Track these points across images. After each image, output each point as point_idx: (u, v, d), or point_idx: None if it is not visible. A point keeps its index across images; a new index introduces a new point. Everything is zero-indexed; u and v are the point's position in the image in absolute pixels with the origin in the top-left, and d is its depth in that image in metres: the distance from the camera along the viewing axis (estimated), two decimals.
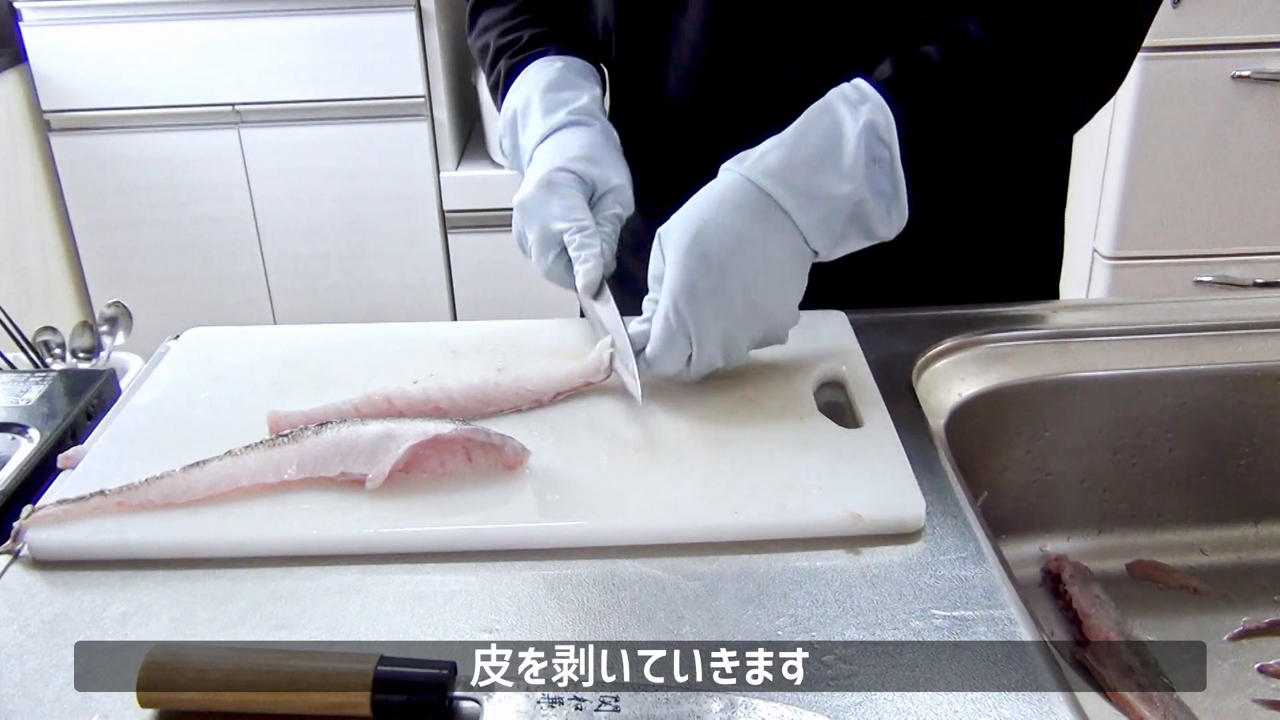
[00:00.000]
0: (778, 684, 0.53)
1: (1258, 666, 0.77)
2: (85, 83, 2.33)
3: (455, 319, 2.49)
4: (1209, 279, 2.13)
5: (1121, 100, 2.03)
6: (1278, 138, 2.03)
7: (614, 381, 0.77)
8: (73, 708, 0.53)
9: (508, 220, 0.88)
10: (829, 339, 0.83)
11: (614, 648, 0.56)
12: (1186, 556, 0.87)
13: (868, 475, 0.67)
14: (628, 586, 0.60)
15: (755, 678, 0.54)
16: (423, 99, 2.33)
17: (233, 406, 0.76)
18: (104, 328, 1.48)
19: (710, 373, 0.76)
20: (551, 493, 0.66)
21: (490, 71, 0.98)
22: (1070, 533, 0.88)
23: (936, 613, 0.58)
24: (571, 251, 0.82)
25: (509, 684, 0.52)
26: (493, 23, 0.99)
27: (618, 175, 0.86)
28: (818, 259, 0.76)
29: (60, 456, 0.71)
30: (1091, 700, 0.54)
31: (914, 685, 0.53)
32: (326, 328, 0.87)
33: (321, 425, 0.69)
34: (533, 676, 0.54)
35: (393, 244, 2.45)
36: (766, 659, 0.55)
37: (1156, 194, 2.09)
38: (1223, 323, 0.88)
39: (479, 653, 0.55)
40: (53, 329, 1.42)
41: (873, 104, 0.74)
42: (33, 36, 2.29)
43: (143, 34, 2.28)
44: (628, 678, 0.54)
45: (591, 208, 0.85)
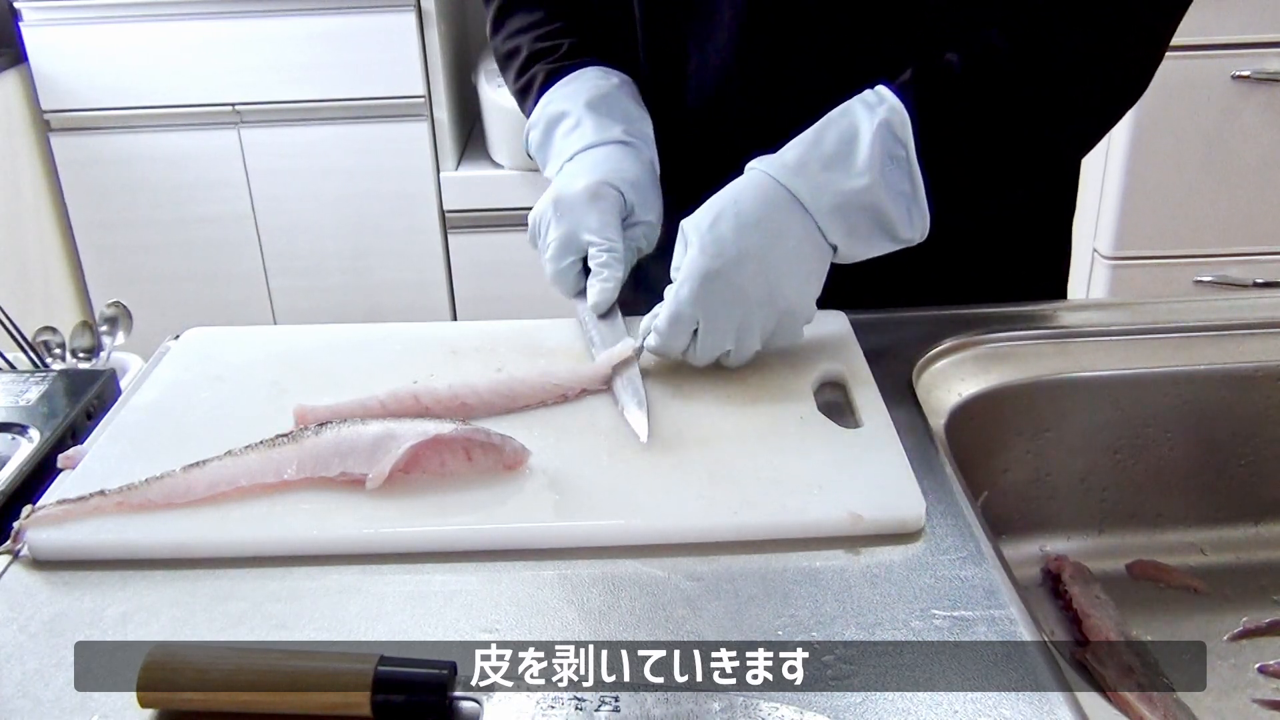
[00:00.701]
0: (778, 684, 0.53)
1: (1258, 666, 0.77)
2: (85, 83, 2.32)
3: (455, 319, 2.49)
4: (1209, 279, 2.13)
5: None
6: (1278, 138, 2.03)
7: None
8: (73, 708, 0.53)
9: (508, 220, 0.89)
10: (829, 339, 0.83)
11: (614, 648, 0.56)
12: (1186, 556, 0.87)
13: (868, 475, 0.67)
14: (628, 586, 0.60)
15: (755, 678, 0.54)
16: (423, 99, 2.33)
17: (233, 406, 0.76)
18: (104, 328, 1.48)
19: (717, 358, 0.77)
20: (552, 493, 0.66)
21: (521, 74, 0.98)
22: (1070, 533, 0.88)
23: (936, 613, 0.58)
24: (594, 266, 0.83)
25: (509, 684, 0.52)
26: (525, 26, 0.99)
27: (652, 213, 0.87)
28: (840, 258, 0.77)
29: (60, 456, 0.71)
30: (1091, 700, 0.54)
31: (914, 685, 0.53)
32: (327, 328, 0.87)
33: (322, 425, 0.69)
34: (533, 676, 0.54)
35: (393, 244, 2.45)
36: (766, 659, 0.55)
37: (1156, 194, 2.09)
38: (1223, 323, 0.88)
39: (479, 653, 0.55)
40: (53, 329, 1.41)
41: (889, 105, 0.75)
42: (33, 36, 2.29)
43: (143, 34, 2.28)
44: (628, 678, 0.54)
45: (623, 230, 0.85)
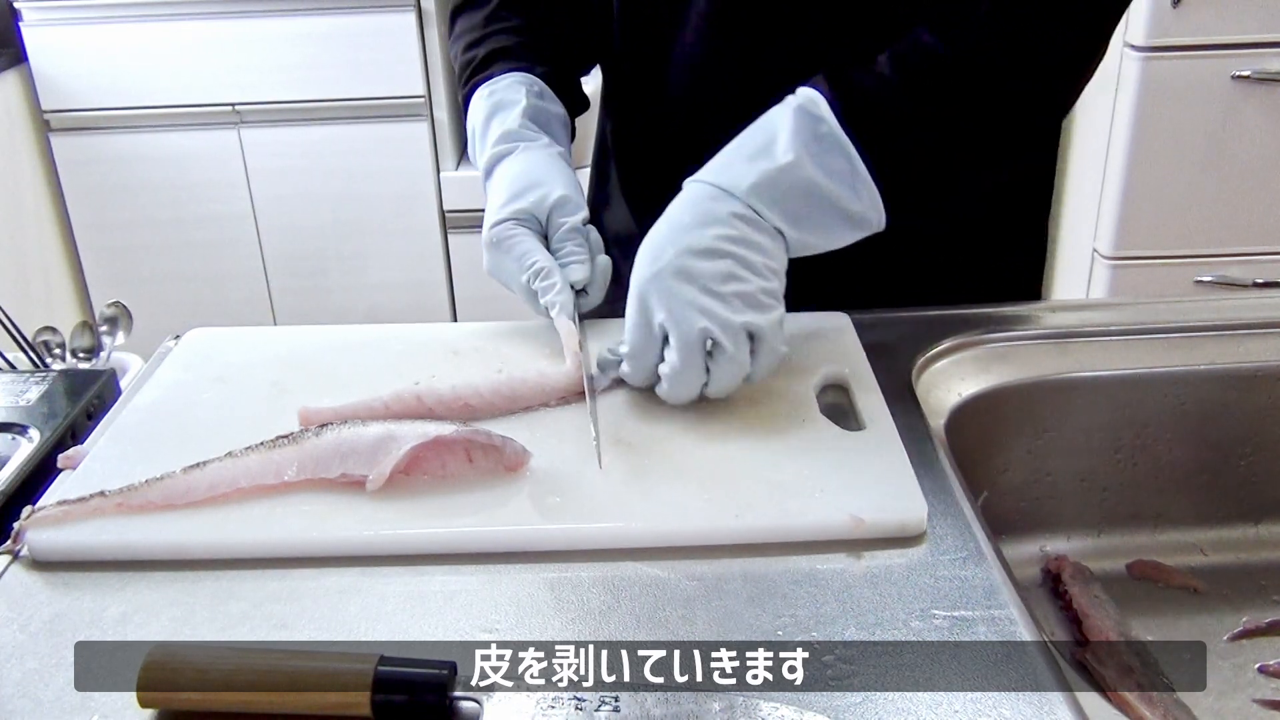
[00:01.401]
0: (778, 684, 0.54)
1: (1258, 666, 0.77)
2: (85, 83, 2.33)
3: (455, 319, 2.49)
4: (1209, 279, 2.13)
5: (1121, 100, 2.03)
6: (1278, 138, 2.03)
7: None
8: (73, 708, 0.53)
9: None
10: (832, 341, 0.83)
11: (614, 648, 0.56)
12: (1186, 556, 0.87)
13: (870, 479, 0.67)
14: (628, 587, 0.60)
15: (755, 678, 0.54)
16: (423, 99, 2.33)
17: (233, 407, 0.76)
18: (104, 328, 1.48)
19: (700, 393, 0.74)
20: (552, 494, 0.66)
21: (460, 90, 0.98)
22: (1070, 533, 0.88)
23: (936, 613, 0.58)
24: (543, 302, 0.82)
25: (509, 684, 0.52)
26: (463, 31, 0.99)
27: (558, 187, 0.84)
28: (801, 248, 0.76)
29: (60, 457, 0.71)
30: (1091, 700, 0.54)
31: (914, 685, 0.53)
32: (327, 328, 0.87)
33: (322, 427, 0.69)
34: (533, 676, 0.54)
35: (393, 244, 2.45)
36: (766, 659, 0.55)
37: (1156, 194, 2.09)
38: (1223, 323, 0.88)
39: (479, 653, 0.55)
40: (53, 329, 1.41)
41: (801, 92, 0.76)
42: (33, 36, 2.29)
43: (143, 34, 2.28)
44: (628, 678, 0.54)
45: (548, 231, 0.84)
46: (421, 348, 0.83)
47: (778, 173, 0.74)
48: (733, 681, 0.53)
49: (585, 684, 0.53)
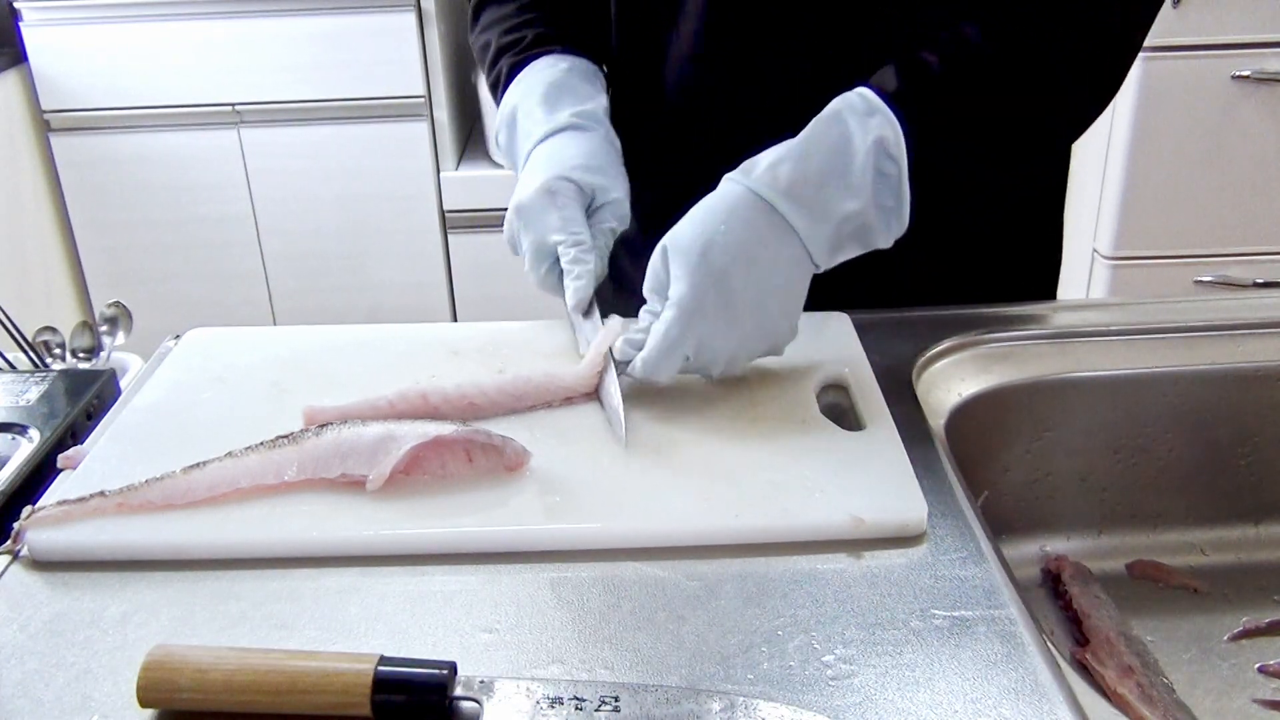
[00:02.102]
0: (778, 684, 0.54)
1: (1258, 666, 0.77)
2: (85, 83, 2.33)
3: (455, 319, 2.49)
4: (1209, 279, 2.13)
5: (1121, 100, 2.03)
6: (1278, 138, 2.03)
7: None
8: (73, 708, 0.53)
9: None
10: (832, 341, 0.83)
11: (614, 648, 0.56)
12: (1186, 556, 0.87)
13: (870, 479, 0.67)
14: (628, 587, 0.60)
15: (755, 678, 0.54)
16: (423, 99, 2.33)
17: (233, 407, 0.76)
18: (104, 328, 1.48)
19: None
20: (552, 495, 0.66)
21: (491, 69, 0.98)
22: (1070, 533, 0.88)
23: (936, 613, 0.58)
24: (565, 265, 0.82)
25: (509, 684, 0.52)
26: (495, 20, 0.99)
27: (617, 188, 0.85)
28: (817, 270, 0.76)
29: (60, 457, 0.71)
30: (1091, 700, 0.54)
31: (914, 685, 0.53)
32: (328, 329, 0.87)
33: (322, 427, 0.69)
34: (533, 677, 0.54)
35: (393, 244, 2.45)
36: (767, 659, 0.55)
37: (1156, 194, 2.09)
38: (1223, 323, 0.88)
39: (479, 653, 0.55)
40: (53, 329, 1.42)
41: (882, 118, 0.73)
42: (33, 36, 2.29)
43: (143, 34, 2.28)
44: (628, 678, 0.54)
45: (588, 217, 0.84)
46: (421, 348, 0.83)
47: (845, 219, 0.73)
48: (733, 681, 0.54)
49: (585, 684, 0.53)
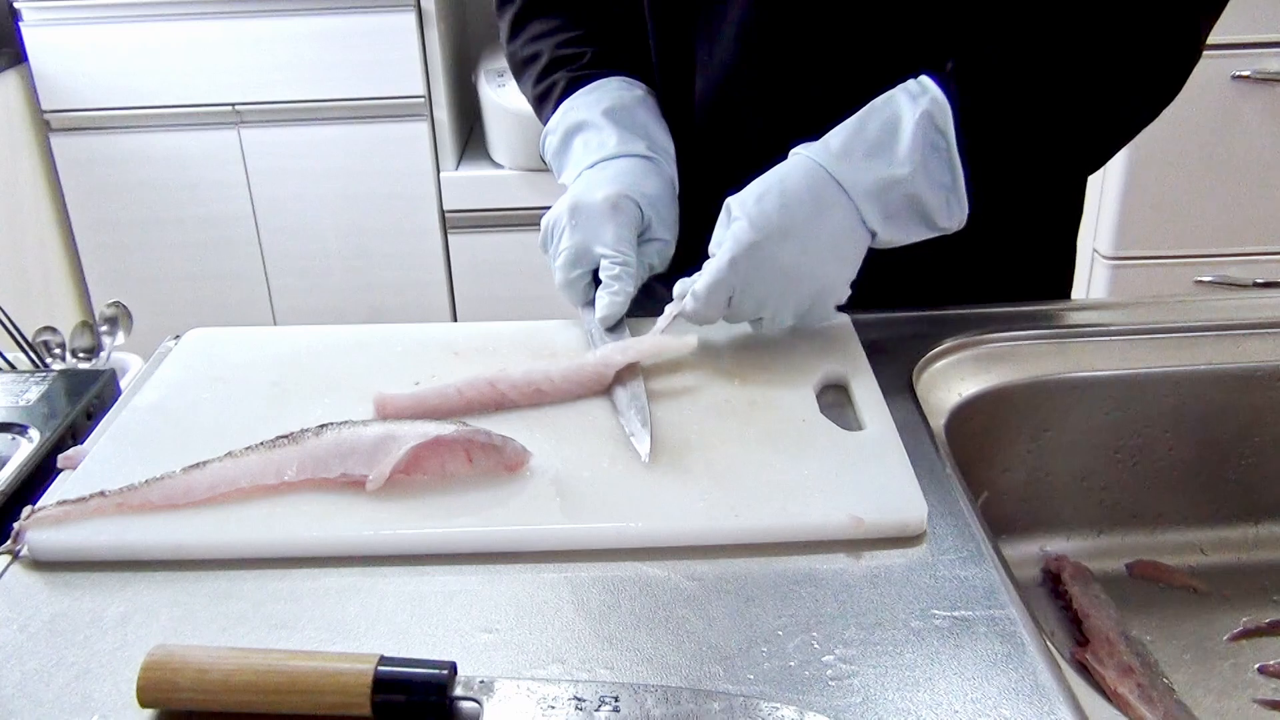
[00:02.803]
0: (778, 684, 0.54)
1: (1258, 666, 0.77)
2: (85, 83, 2.32)
3: (455, 319, 2.49)
4: (1209, 279, 2.13)
5: None
6: (1278, 138, 2.03)
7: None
8: (73, 708, 0.53)
9: (508, 220, 0.89)
10: (833, 341, 0.83)
11: (614, 647, 0.56)
12: (1186, 556, 0.87)
13: (870, 479, 0.67)
14: (628, 587, 0.60)
15: (755, 678, 0.54)
16: (423, 99, 2.33)
17: (234, 407, 0.76)
18: (104, 328, 1.48)
19: (745, 324, 0.81)
20: (552, 495, 0.66)
21: (541, 79, 0.97)
22: (1070, 533, 0.88)
23: (936, 613, 0.58)
24: (605, 279, 0.83)
25: (509, 684, 0.52)
26: (546, 32, 0.98)
27: (669, 231, 0.88)
28: (878, 243, 0.78)
29: (60, 457, 0.71)
30: (1091, 700, 0.54)
31: (914, 685, 0.53)
32: (328, 328, 0.87)
33: (322, 427, 0.69)
34: (533, 677, 0.54)
35: (393, 244, 2.45)
36: (767, 659, 0.55)
37: (1156, 194, 2.09)
38: (1223, 323, 0.88)
39: (479, 653, 0.55)
40: (53, 329, 1.42)
41: (932, 96, 0.77)
42: (33, 36, 2.29)
43: (143, 34, 2.28)
44: (628, 678, 0.54)
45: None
46: (421, 348, 0.83)
47: (892, 183, 0.76)
48: (733, 681, 0.53)
49: (585, 684, 0.53)
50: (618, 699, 0.52)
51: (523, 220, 2.32)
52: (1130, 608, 0.81)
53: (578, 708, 0.51)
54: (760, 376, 0.78)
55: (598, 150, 0.88)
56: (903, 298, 0.91)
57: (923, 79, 0.78)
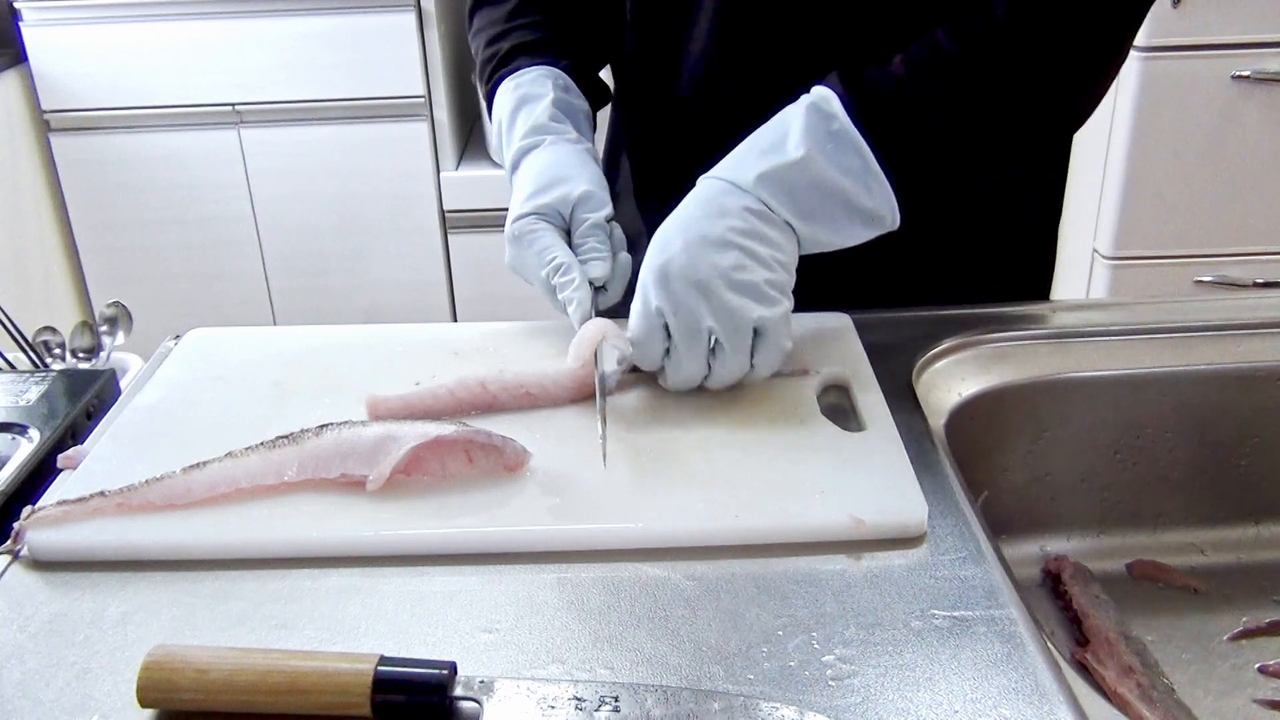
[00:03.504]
0: (778, 684, 0.54)
1: (1258, 666, 0.77)
2: (85, 83, 2.32)
3: (455, 319, 2.49)
4: (1209, 279, 2.13)
5: (1121, 100, 2.03)
6: (1278, 138, 2.03)
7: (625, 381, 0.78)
8: (73, 708, 0.53)
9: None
10: (833, 342, 0.83)
11: (614, 648, 0.56)
12: (1186, 556, 0.87)
13: (870, 479, 0.67)
14: (628, 587, 0.60)
15: (755, 678, 0.54)
16: (423, 99, 2.33)
17: (234, 407, 0.76)
18: (104, 328, 1.49)
19: (700, 382, 0.75)
20: (552, 495, 0.66)
21: (484, 83, 0.98)
22: (1070, 533, 0.88)
23: (936, 613, 0.58)
24: (558, 294, 0.82)
25: (509, 684, 0.52)
26: (484, 26, 0.99)
27: (583, 182, 0.84)
28: (812, 244, 0.76)
29: (60, 457, 0.71)
30: (1091, 700, 0.54)
31: (914, 685, 0.53)
32: (328, 329, 0.87)
33: (322, 427, 0.69)
34: (533, 677, 0.54)
35: (393, 244, 2.45)
36: (766, 659, 0.55)
37: (1156, 194, 2.09)
38: (1223, 323, 0.88)
39: (479, 653, 0.55)
40: (53, 329, 1.42)
41: (814, 91, 0.77)
42: (33, 36, 2.29)
43: (143, 34, 2.28)
44: (627, 678, 0.54)
45: (570, 226, 0.84)
46: (421, 348, 0.83)
47: (788, 167, 0.74)
48: (733, 681, 0.53)
49: (585, 684, 0.53)
50: (618, 699, 0.52)
51: None
52: (1130, 608, 0.81)
53: (578, 708, 0.51)
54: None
55: (507, 168, 0.89)
56: (899, 296, 0.91)
57: (811, 87, 0.78)
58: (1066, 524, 0.88)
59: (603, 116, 1.05)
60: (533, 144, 0.88)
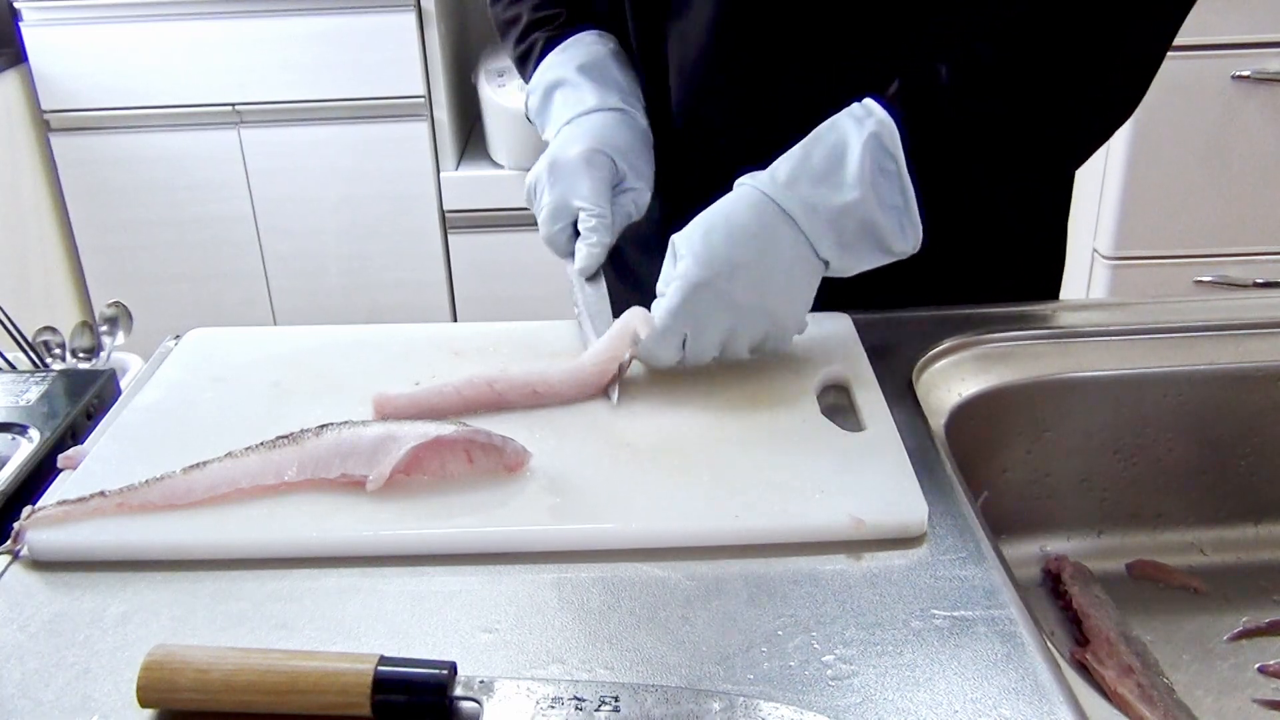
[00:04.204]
0: (778, 684, 0.54)
1: (1258, 666, 0.77)
2: (85, 83, 2.32)
3: (455, 319, 2.49)
4: (1209, 279, 2.13)
5: None
6: (1278, 138, 2.03)
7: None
8: (73, 708, 0.53)
9: (508, 220, 0.89)
10: (833, 342, 0.83)
11: (614, 648, 0.56)
12: (1186, 556, 0.87)
13: (870, 480, 0.67)
14: (628, 587, 0.60)
15: (755, 678, 0.54)
16: (423, 99, 2.33)
17: (234, 407, 0.76)
18: (104, 328, 1.48)
19: (702, 365, 0.77)
20: (553, 495, 0.66)
21: (520, 41, 0.99)
22: (1070, 533, 0.88)
23: (936, 613, 0.58)
24: (583, 231, 0.85)
25: (509, 684, 0.52)
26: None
27: (643, 180, 0.89)
28: (831, 272, 0.77)
29: (60, 457, 0.71)
30: (1091, 700, 0.54)
31: (914, 685, 0.53)
32: (328, 328, 0.87)
33: (322, 427, 0.69)
34: (533, 677, 0.54)
35: (393, 244, 2.45)
36: (766, 659, 0.55)
37: (1156, 194, 2.09)
38: (1223, 323, 0.88)
39: (479, 653, 0.55)
40: (53, 329, 1.41)
41: (877, 118, 0.75)
42: (33, 36, 2.29)
43: (143, 34, 2.28)
44: (628, 678, 0.54)
45: (612, 197, 0.87)
46: (421, 348, 0.83)
47: (842, 210, 0.74)
48: (733, 681, 0.53)
49: (585, 684, 0.53)
50: (618, 699, 0.52)
51: (523, 220, 2.31)
52: (1130, 608, 0.81)
53: (578, 708, 0.51)
54: (761, 377, 0.78)
55: (574, 106, 0.90)
56: (902, 297, 0.91)
57: (867, 102, 0.76)
58: (1066, 524, 0.88)
59: None
60: (631, 112, 0.90)
